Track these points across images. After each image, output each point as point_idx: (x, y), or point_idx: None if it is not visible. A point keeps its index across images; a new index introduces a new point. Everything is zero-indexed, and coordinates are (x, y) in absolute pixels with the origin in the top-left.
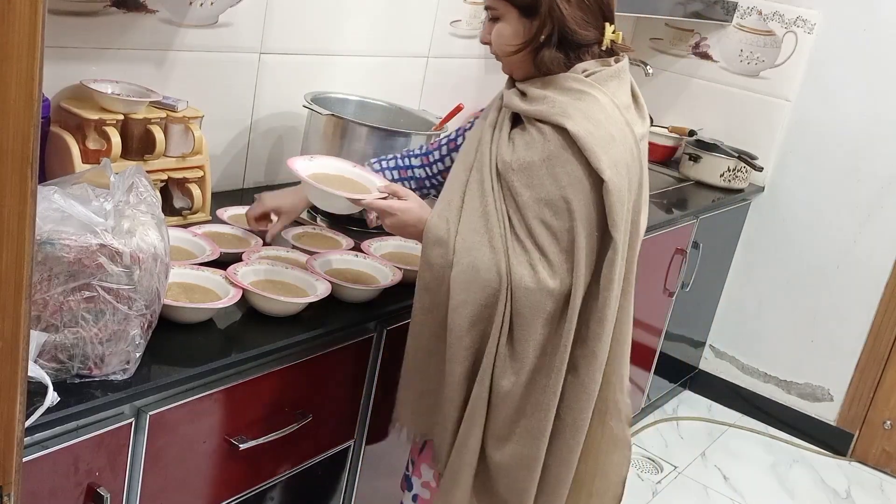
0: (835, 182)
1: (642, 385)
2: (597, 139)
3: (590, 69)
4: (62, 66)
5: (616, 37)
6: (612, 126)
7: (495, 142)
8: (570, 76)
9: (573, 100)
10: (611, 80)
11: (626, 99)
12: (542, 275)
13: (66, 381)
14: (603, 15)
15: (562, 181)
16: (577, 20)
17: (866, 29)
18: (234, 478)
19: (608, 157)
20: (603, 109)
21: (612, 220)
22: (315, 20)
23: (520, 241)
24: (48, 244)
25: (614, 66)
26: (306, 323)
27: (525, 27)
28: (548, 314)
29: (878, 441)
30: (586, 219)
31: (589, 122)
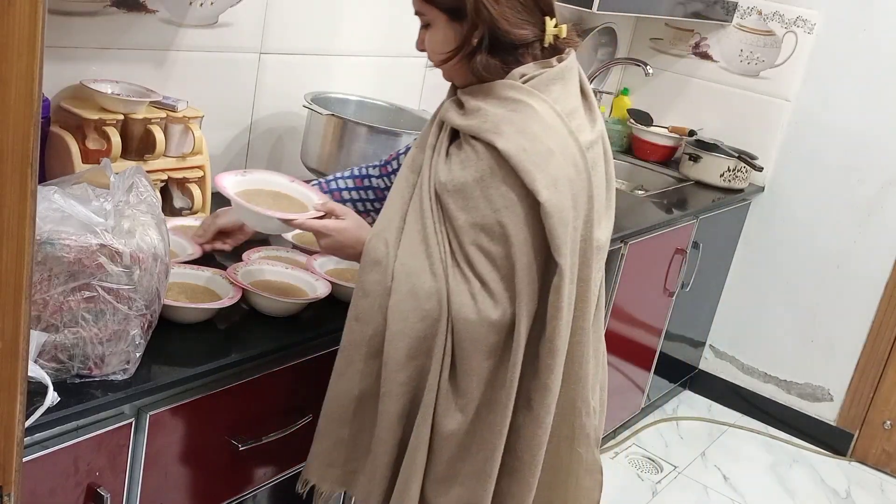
0: (835, 182)
1: (642, 385)
2: (531, 156)
3: (528, 73)
4: (62, 66)
5: (559, 31)
6: (550, 139)
7: (433, 160)
8: (506, 83)
9: (508, 111)
10: (553, 83)
11: (573, 102)
12: (482, 305)
13: (66, 381)
14: (540, 9)
15: (496, 204)
16: (509, 19)
17: (866, 29)
18: (234, 478)
19: (545, 176)
20: (540, 121)
21: (555, 244)
22: (315, 20)
23: (459, 269)
24: (48, 244)
25: (556, 66)
26: (306, 323)
27: (455, 32)
28: (491, 347)
29: (878, 441)
30: (525, 244)
31: (523, 138)
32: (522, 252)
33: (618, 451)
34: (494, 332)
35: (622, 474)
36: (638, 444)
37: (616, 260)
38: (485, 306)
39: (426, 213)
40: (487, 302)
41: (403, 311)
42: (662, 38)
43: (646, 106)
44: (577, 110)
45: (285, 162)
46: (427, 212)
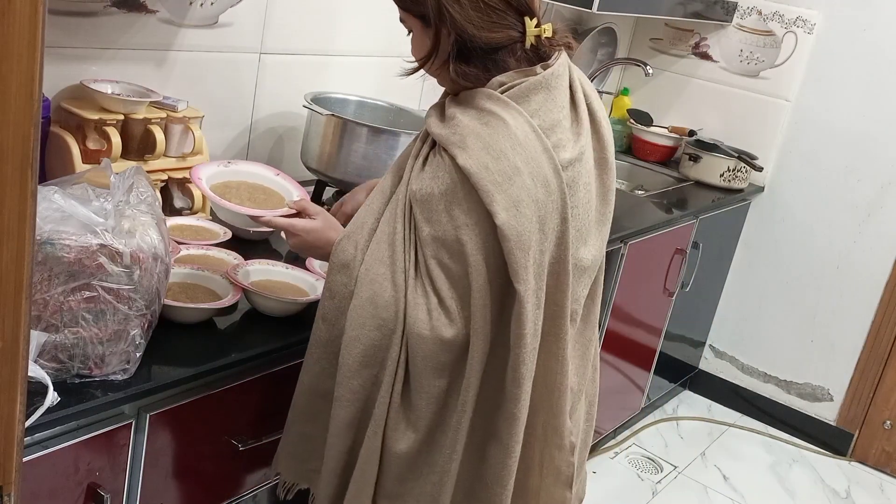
0: (835, 182)
1: (642, 385)
2: (493, 174)
3: (508, 82)
4: (62, 66)
5: (541, 31)
6: (518, 156)
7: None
8: (483, 92)
9: (480, 124)
10: (534, 93)
11: (555, 115)
12: (437, 322)
13: (67, 381)
14: (516, 10)
15: (457, 221)
16: (475, 22)
17: (866, 29)
18: (234, 478)
19: (505, 197)
20: (511, 136)
21: (512, 268)
22: (315, 20)
23: (420, 282)
24: (48, 244)
25: (540, 74)
26: (306, 323)
27: (429, 38)
28: (442, 365)
29: (878, 441)
30: (481, 265)
31: (487, 154)
32: (479, 272)
33: (618, 451)
34: (447, 351)
35: (622, 474)
36: (638, 444)
37: (616, 260)
38: (439, 324)
39: (398, 219)
40: (442, 319)
41: (361, 318)
42: (662, 38)
43: (646, 106)
44: (559, 124)
45: (285, 162)
46: (399, 217)
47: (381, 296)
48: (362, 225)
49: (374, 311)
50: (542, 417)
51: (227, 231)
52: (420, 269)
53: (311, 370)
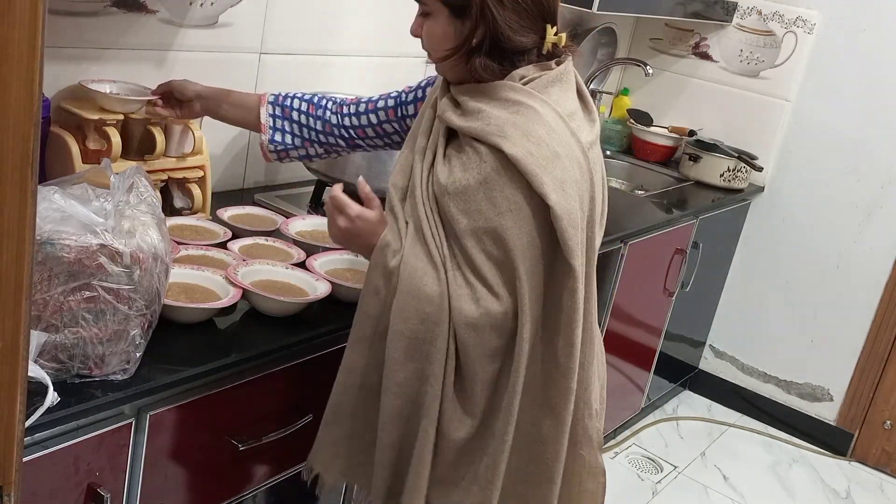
0: (835, 182)
1: (642, 385)
2: (538, 160)
3: (528, 75)
4: (62, 66)
5: (558, 40)
6: (555, 141)
7: (427, 163)
8: (506, 84)
9: (511, 114)
10: (552, 85)
11: (572, 104)
12: (485, 304)
13: (67, 381)
14: (543, 17)
15: (500, 207)
16: (513, 25)
17: (866, 29)
18: (234, 478)
19: (552, 179)
20: (544, 123)
21: (567, 246)
22: (315, 20)
23: (462, 274)
24: (48, 244)
25: (555, 69)
26: (306, 323)
27: (456, 29)
28: (495, 351)
29: (878, 441)
30: (528, 247)
31: (529, 141)
32: (525, 256)
33: (618, 451)
34: (497, 336)
35: (622, 474)
36: (638, 444)
37: (616, 260)
38: (487, 304)
39: (422, 218)
40: (494, 305)
41: (405, 312)
42: (662, 38)
43: (646, 106)
44: (576, 112)
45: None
46: (423, 215)
47: (423, 290)
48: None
49: (418, 305)
50: (578, 391)
51: (227, 231)
52: (459, 261)
53: (354, 367)
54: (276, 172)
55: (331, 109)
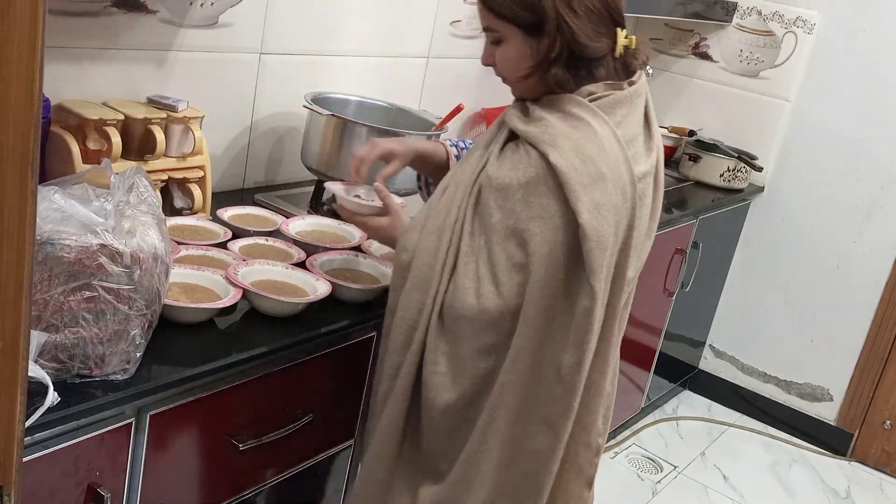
0: (835, 182)
1: (642, 385)
2: (581, 176)
3: (597, 93)
4: (62, 66)
5: (629, 42)
6: (604, 163)
7: (483, 157)
8: (573, 98)
9: (569, 127)
10: (619, 106)
11: (634, 129)
12: (485, 304)
13: (67, 380)
14: (613, 21)
15: (533, 211)
16: (588, 33)
17: (866, 29)
18: (234, 478)
19: (589, 198)
20: (598, 143)
21: (590, 266)
22: (315, 20)
23: (476, 267)
24: (48, 244)
25: (626, 90)
26: (306, 323)
27: (532, 47)
28: (489, 348)
29: (878, 441)
30: (548, 257)
31: (577, 157)
32: (540, 264)
33: (618, 451)
34: (493, 333)
35: (622, 474)
36: (638, 444)
37: None
38: (486, 300)
39: (454, 205)
40: (491, 297)
41: (408, 301)
42: (662, 38)
43: None
44: (636, 138)
45: (285, 162)
46: (456, 203)
47: (424, 282)
48: (418, 220)
49: (419, 296)
50: (577, 414)
51: (227, 231)
52: (479, 253)
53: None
54: (276, 173)
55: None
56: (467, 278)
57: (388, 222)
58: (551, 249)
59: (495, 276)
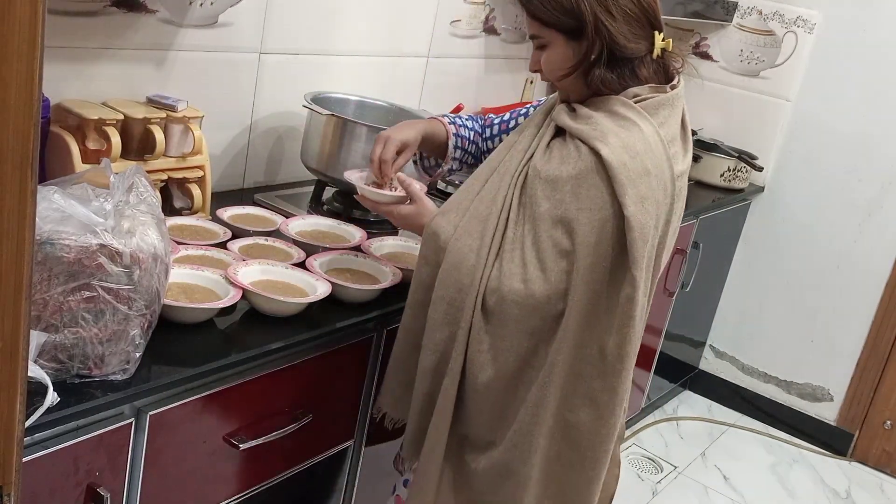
0: (835, 182)
1: (642, 385)
2: (629, 171)
3: (642, 95)
4: (62, 66)
5: (666, 44)
6: (649, 160)
7: (531, 150)
8: (619, 100)
9: (617, 126)
10: (662, 108)
11: (674, 130)
12: (533, 289)
13: (66, 381)
14: (650, 24)
15: (582, 202)
16: (626, 34)
17: (866, 29)
18: (234, 478)
19: (636, 192)
20: (644, 141)
21: (633, 256)
22: (315, 20)
23: (522, 254)
24: (48, 244)
25: (669, 93)
26: (306, 323)
27: (574, 50)
28: (533, 329)
29: (879, 441)
30: (595, 245)
31: (625, 153)
32: (587, 252)
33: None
34: (539, 317)
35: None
36: (638, 444)
37: None
38: (534, 286)
39: (498, 199)
40: (538, 283)
41: (447, 280)
42: None
43: None
44: (676, 139)
45: (285, 162)
46: (500, 198)
47: (465, 263)
48: (458, 205)
49: (458, 276)
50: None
51: (226, 231)
52: (525, 241)
53: (410, 327)
54: (276, 172)
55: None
56: (513, 264)
57: (415, 209)
58: (598, 239)
59: (542, 261)
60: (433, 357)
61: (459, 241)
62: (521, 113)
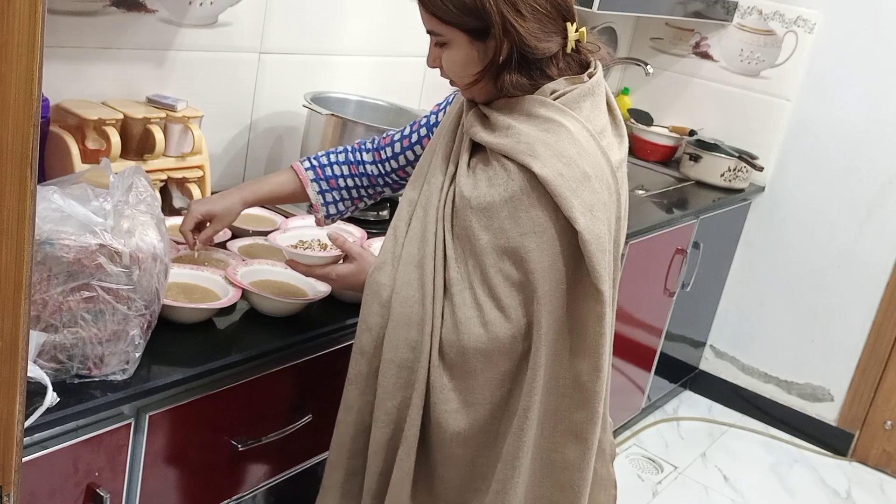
0: (835, 182)
1: (642, 385)
2: (568, 181)
3: (559, 89)
4: (62, 66)
5: (580, 35)
6: (585, 162)
7: (448, 173)
8: (536, 99)
9: (541, 132)
10: (584, 100)
11: (603, 120)
12: (496, 332)
13: (66, 381)
14: (562, 16)
15: (524, 227)
16: (536, 34)
17: (866, 29)
18: (234, 478)
19: (581, 202)
20: (575, 142)
21: (595, 272)
22: (315, 20)
23: (473, 294)
24: (48, 244)
25: (588, 82)
26: (306, 323)
27: (479, 52)
28: (504, 375)
29: (879, 441)
30: (550, 269)
31: (559, 162)
32: (546, 278)
33: (618, 452)
34: (507, 359)
35: (622, 474)
36: (638, 445)
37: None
38: (496, 328)
39: (428, 231)
40: (499, 323)
41: (395, 340)
42: (663, 37)
43: (646, 106)
44: (606, 128)
45: (285, 161)
46: (430, 230)
47: (412, 318)
48: (392, 252)
49: (407, 334)
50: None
51: (226, 231)
52: (473, 279)
53: (354, 405)
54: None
55: (368, 161)
56: (466, 307)
57: (355, 267)
58: (552, 262)
59: (497, 299)
60: (387, 430)
61: (400, 295)
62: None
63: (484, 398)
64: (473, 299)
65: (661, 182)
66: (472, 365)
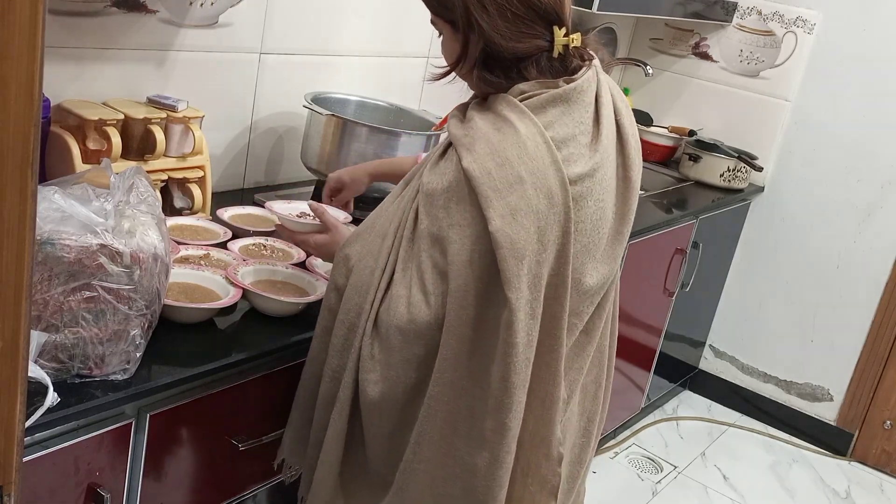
0: (835, 182)
1: (642, 385)
2: (495, 181)
3: (528, 91)
4: (62, 66)
5: (570, 40)
6: (524, 166)
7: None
8: (504, 98)
9: (491, 129)
10: (551, 105)
11: (571, 129)
12: (414, 315)
13: (67, 381)
14: (546, 20)
15: (452, 218)
16: (503, 32)
17: (866, 29)
18: (234, 478)
19: (503, 204)
20: (520, 145)
21: (504, 276)
22: (315, 20)
23: (407, 276)
24: (48, 244)
25: (562, 87)
26: (306, 323)
27: (459, 43)
28: (418, 359)
29: (878, 441)
30: (465, 265)
31: (492, 161)
32: (458, 273)
33: (618, 451)
34: (422, 345)
35: (622, 474)
36: (638, 444)
37: None
38: (416, 311)
39: (401, 209)
40: (420, 307)
41: (349, 303)
42: (662, 38)
43: (646, 106)
44: (573, 138)
45: (285, 162)
46: (400, 211)
47: (362, 285)
48: (372, 224)
49: (357, 299)
50: (531, 426)
51: (226, 231)
52: (410, 262)
53: (316, 358)
54: (276, 173)
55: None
56: (401, 286)
57: (329, 237)
58: (469, 259)
59: (423, 283)
60: (331, 386)
61: (361, 262)
62: None
63: (398, 377)
64: (408, 280)
65: (660, 182)
66: (392, 342)
